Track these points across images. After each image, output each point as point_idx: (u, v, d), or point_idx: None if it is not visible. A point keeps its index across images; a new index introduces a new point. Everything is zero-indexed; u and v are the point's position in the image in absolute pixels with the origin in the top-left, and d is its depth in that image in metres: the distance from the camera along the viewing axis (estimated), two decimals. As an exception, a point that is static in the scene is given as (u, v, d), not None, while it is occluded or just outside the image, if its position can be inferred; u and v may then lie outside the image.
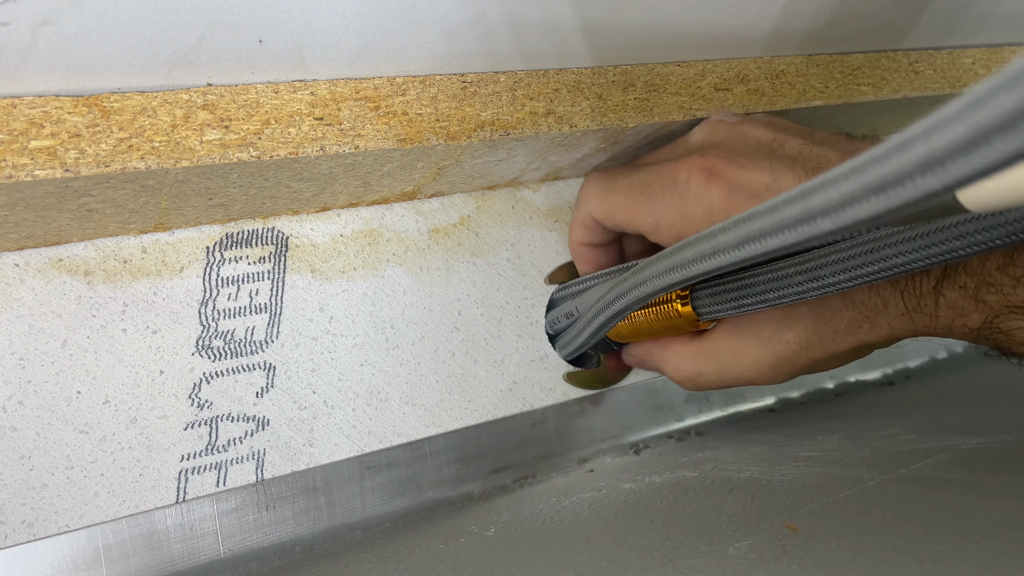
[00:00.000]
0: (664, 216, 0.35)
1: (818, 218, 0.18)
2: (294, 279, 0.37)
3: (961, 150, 0.13)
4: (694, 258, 0.25)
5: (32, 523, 0.31)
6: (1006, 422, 0.38)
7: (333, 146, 0.31)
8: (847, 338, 0.31)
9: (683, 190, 0.34)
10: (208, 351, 0.35)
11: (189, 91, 0.29)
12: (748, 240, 0.21)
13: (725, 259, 0.23)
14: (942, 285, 0.29)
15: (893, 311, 0.30)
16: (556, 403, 0.42)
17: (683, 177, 0.34)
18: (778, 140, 0.34)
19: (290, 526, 0.36)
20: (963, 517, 0.25)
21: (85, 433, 0.33)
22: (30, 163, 0.26)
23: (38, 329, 0.32)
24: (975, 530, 0.24)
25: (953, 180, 0.14)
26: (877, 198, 0.16)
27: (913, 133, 0.14)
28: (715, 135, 0.36)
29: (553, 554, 0.30)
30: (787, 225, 0.19)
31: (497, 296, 0.42)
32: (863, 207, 0.16)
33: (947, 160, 0.14)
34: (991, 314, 0.28)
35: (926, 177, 0.14)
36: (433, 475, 0.39)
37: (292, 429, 0.36)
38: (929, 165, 0.14)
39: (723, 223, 0.23)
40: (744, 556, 0.25)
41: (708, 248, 0.24)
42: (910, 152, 0.14)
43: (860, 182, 0.16)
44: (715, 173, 0.33)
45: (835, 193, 0.17)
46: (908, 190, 0.15)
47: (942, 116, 0.14)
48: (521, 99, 0.35)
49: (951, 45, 0.48)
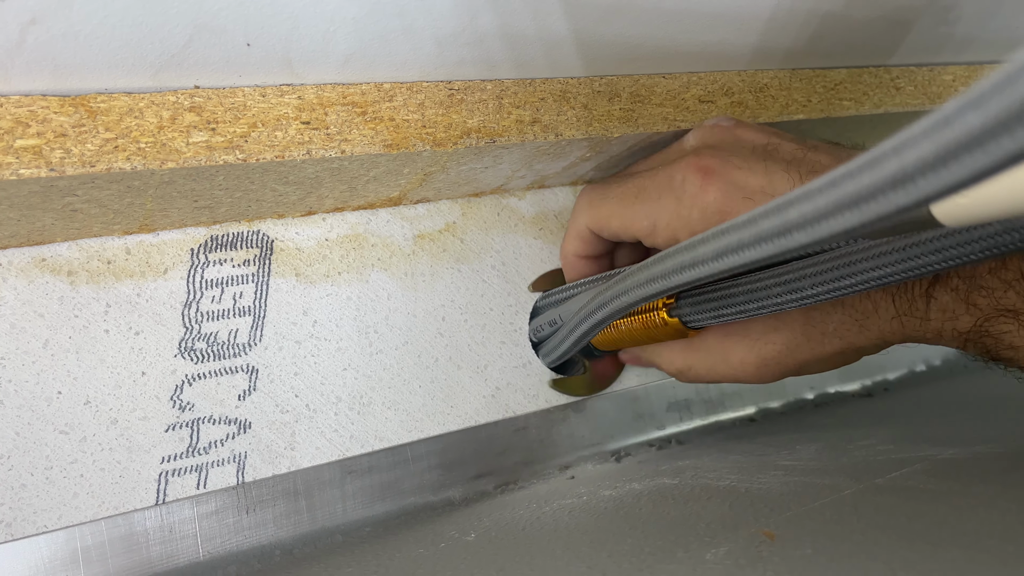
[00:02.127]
0: (660, 218, 0.35)
1: (794, 231, 0.18)
2: (278, 282, 0.37)
3: (930, 166, 0.13)
4: (675, 268, 0.25)
5: (10, 523, 0.31)
6: (981, 433, 0.38)
7: (319, 150, 0.31)
8: (835, 341, 0.32)
9: (679, 191, 0.34)
10: (191, 353, 0.35)
11: (176, 93, 0.29)
12: (727, 252, 0.22)
13: (705, 270, 0.23)
14: (934, 288, 0.29)
15: (884, 315, 0.30)
16: (539, 410, 0.43)
17: (679, 178, 0.34)
18: (772, 144, 0.34)
19: (270, 529, 0.36)
20: (935, 526, 0.26)
21: (65, 434, 0.32)
22: (15, 162, 0.26)
23: (20, 328, 0.32)
24: (946, 538, 0.24)
25: (923, 195, 0.14)
26: (851, 212, 0.16)
27: (884, 149, 0.15)
28: (710, 137, 0.36)
29: (533, 559, 0.30)
30: (765, 238, 0.20)
31: (481, 302, 0.42)
32: (838, 221, 0.17)
33: (917, 176, 0.14)
34: (981, 317, 0.28)
35: (897, 192, 0.14)
36: (414, 480, 0.39)
37: (274, 432, 0.36)
38: (900, 181, 0.14)
39: (702, 235, 0.24)
40: (721, 562, 0.25)
41: (688, 259, 0.24)
42: (882, 168, 0.15)
43: (834, 196, 0.16)
44: (711, 173, 0.33)
45: (810, 207, 0.17)
46: (880, 204, 0.15)
47: (912, 133, 0.14)
48: (507, 107, 0.35)
49: (935, 62, 0.48)
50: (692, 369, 0.37)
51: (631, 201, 0.36)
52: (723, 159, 0.34)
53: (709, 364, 0.36)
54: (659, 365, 0.39)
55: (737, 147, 0.35)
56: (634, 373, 0.46)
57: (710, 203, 0.34)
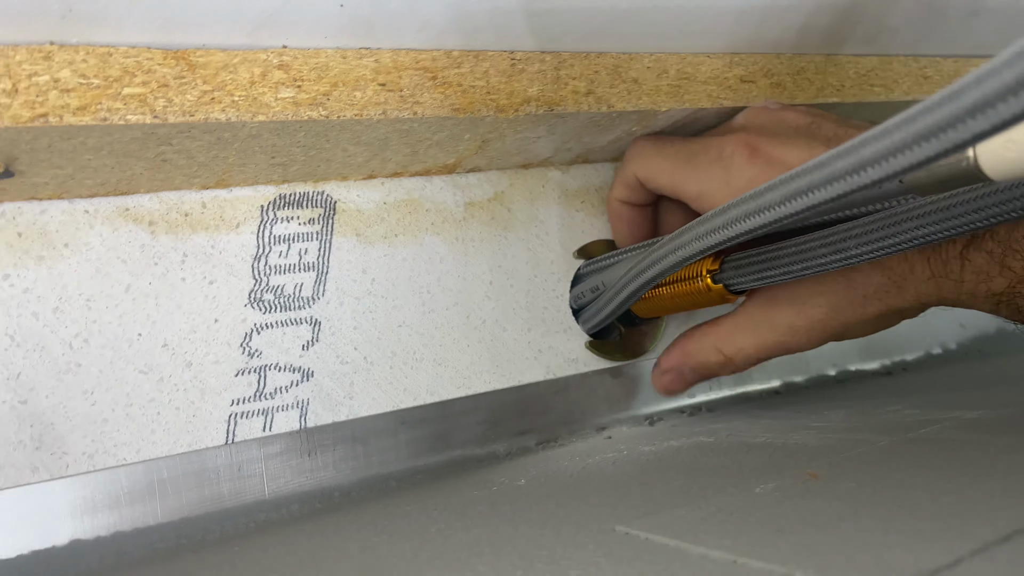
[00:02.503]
0: (708, 186, 0.37)
1: (868, 167, 0.20)
2: (340, 241, 0.39)
3: (1012, 91, 0.16)
4: (740, 216, 0.27)
5: (92, 455, 0.33)
6: (1003, 401, 0.40)
7: (394, 111, 0.33)
8: (875, 303, 0.34)
9: (727, 162, 0.36)
10: (259, 303, 0.37)
11: (267, 51, 0.31)
12: (795, 195, 0.24)
13: (770, 216, 0.25)
14: (968, 251, 0.31)
15: (920, 275, 0.32)
16: (578, 373, 0.45)
17: (728, 151, 0.37)
18: (815, 123, 0.36)
19: (330, 472, 0.38)
20: (970, 464, 0.28)
21: (144, 373, 0.34)
22: (123, 108, 0.28)
23: (104, 273, 0.34)
24: (982, 473, 0.26)
25: (1001, 120, 0.16)
26: (924, 144, 0.18)
27: (964, 82, 0.17)
28: (757, 119, 0.38)
29: (587, 497, 0.32)
30: (837, 176, 0.21)
31: (526, 269, 0.44)
32: (912, 153, 0.18)
33: (997, 102, 0.16)
34: (1015, 280, 0.30)
35: (977, 120, 0.17)
36: (462, 434, 0.41)
37: (334, 382, 0.38)
38: (980, 107, 0.16)
39: (771, 182, 0.25)
40: (771, 494, 0.27)
41: (753, 206, 0.26)
42: (960, 99, 0.17)
43: (912, 130, 0.18)
44: (757, 150, 0.36)
45: (886, 142, 0.19)
46: (959, 133, 0.17)
47: (993, 64, 0.16)
48: (564, 78, 0.37)
49: (960, 54, 0.50)
50: (742, 351, 0.38)
51: (682, 164, 0.38)
52: (768, 138, 0.36)
53: (757, 338, 0.37)
54: (706, 361, 0.40)
55: (782, 127, 0.38)
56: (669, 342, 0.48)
57: (755, 177, 0.36)
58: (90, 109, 0.27)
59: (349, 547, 0.29)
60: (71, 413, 0.33)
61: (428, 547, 0.28)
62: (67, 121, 0.27)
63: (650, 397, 0.47)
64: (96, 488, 0.34)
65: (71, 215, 0.34)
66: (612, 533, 0.26)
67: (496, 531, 0.29)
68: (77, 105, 0.27)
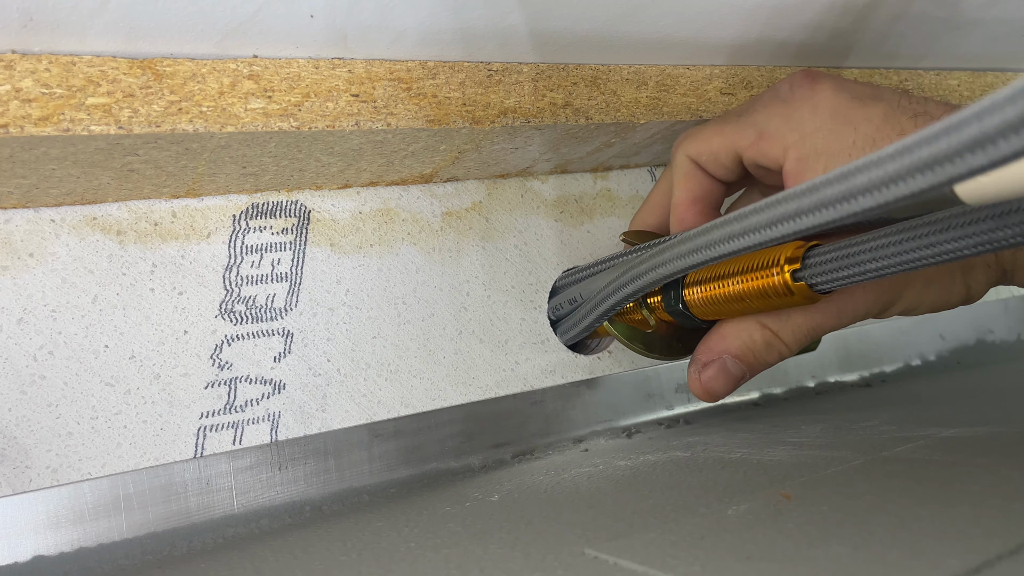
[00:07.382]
0: (768, 124, 0.33)
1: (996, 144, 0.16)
2: (314, 251, 0.39)
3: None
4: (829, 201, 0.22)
5: (56, 469, 0.33)
6: (980, 416, 0.40)
7: (367, 122, 0.33)
8: (959, 278, 0.32)
9: (786, 96, 0.33)
10: (230, 315, 0.36)
11: (236, 61, 0.31)
12: (916, 169, 0.19)
13: (880, 198, 0.20)
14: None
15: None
16: (555, 385, 0.44)
17: (785, 87, 0.34)
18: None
19: (301, 486, 0.37)
20: (942, 487, 0.27)
21: (111, 386, 0.34)
22: (87, 118, 0.28)
23: (70, 283, 0.34)
24: (954, 497, 0.26)
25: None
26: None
27: (960, 117, 0.16)
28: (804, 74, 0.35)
29: (559, 515, 0.31)
30: (937, 161, 0.18)
31: (504, 280, 0.43)
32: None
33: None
34: None
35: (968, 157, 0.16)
36: (437, 446, 0.41)
37: (306, 394, 0.38)
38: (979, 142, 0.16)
39: (858, 161, 0.20)
40: (742, 517, 0.27)
41: (809, 202, 0.22)
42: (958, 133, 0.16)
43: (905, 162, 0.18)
44: (819, 76, 0.33)
45: (998, 118, 0.16)
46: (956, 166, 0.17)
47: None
48: (542, 90, 0.37)
49: (940, 67, 0.50)
50: (791, 321, 0.33)
51: (732, 117, 0.35)
52: (825, 71, 0.33)
53: (811, 311, 0.32)
54: (749, 341, 0.33)
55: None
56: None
57: (821, 100, 0.32)
58: (52, 119, 0.27)
59: (315, 567, 0.29)
60: (35, 426, 0.32)
61: (397, 568, 0.28)
62: (28, 132, 0.26)
63: (629, 409, 0.47)
64: (60, 503, 0.33)
65: (36, 224, 0.33)
66: (581, 556, 0.26)
67: (466, 552, 0.28)
68: (39, 115, 0.27)
